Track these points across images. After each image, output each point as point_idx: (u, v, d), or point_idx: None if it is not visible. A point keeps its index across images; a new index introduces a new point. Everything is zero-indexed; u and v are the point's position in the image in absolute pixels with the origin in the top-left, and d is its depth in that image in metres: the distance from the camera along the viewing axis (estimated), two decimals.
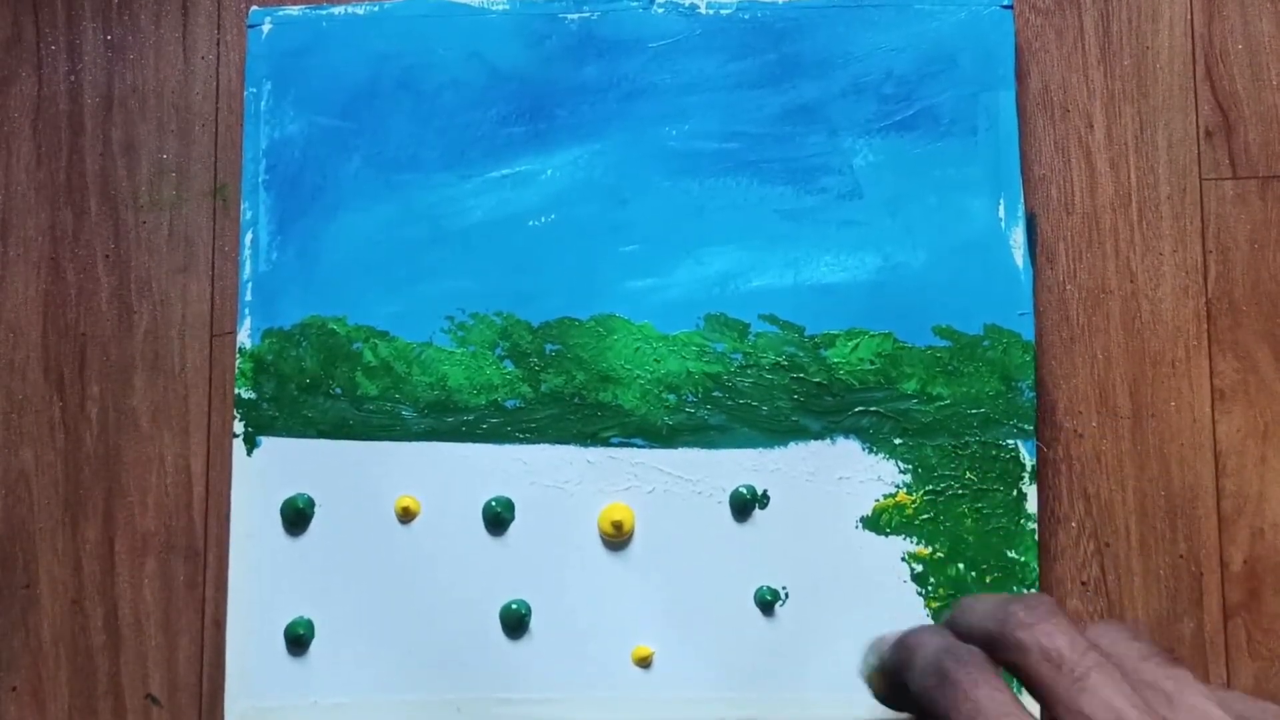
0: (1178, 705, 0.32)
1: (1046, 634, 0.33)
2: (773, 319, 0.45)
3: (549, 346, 0.45)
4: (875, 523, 0.44)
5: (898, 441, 0.44)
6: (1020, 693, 0.31)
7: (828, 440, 0.44)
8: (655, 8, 0.47)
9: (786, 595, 0.44)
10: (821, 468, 0.44)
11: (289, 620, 0.44)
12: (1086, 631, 0.33)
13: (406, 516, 0.45)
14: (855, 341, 0.45)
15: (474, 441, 0.45)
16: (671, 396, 0.45)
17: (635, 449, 0.45)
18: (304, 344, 0.46)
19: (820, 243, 0.45)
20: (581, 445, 0.45)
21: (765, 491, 0.44)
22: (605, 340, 0.45)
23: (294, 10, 0.48)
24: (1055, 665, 0.32)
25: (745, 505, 0.44)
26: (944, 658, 0.35)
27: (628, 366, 0.45)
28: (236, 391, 0.45)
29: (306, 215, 0.46)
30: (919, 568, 0.44)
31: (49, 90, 0.49)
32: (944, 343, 0.45)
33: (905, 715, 0.39)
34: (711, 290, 0.45)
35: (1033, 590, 0.43)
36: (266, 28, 0.47)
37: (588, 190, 0.46)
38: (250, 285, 0.46)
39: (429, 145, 0.46)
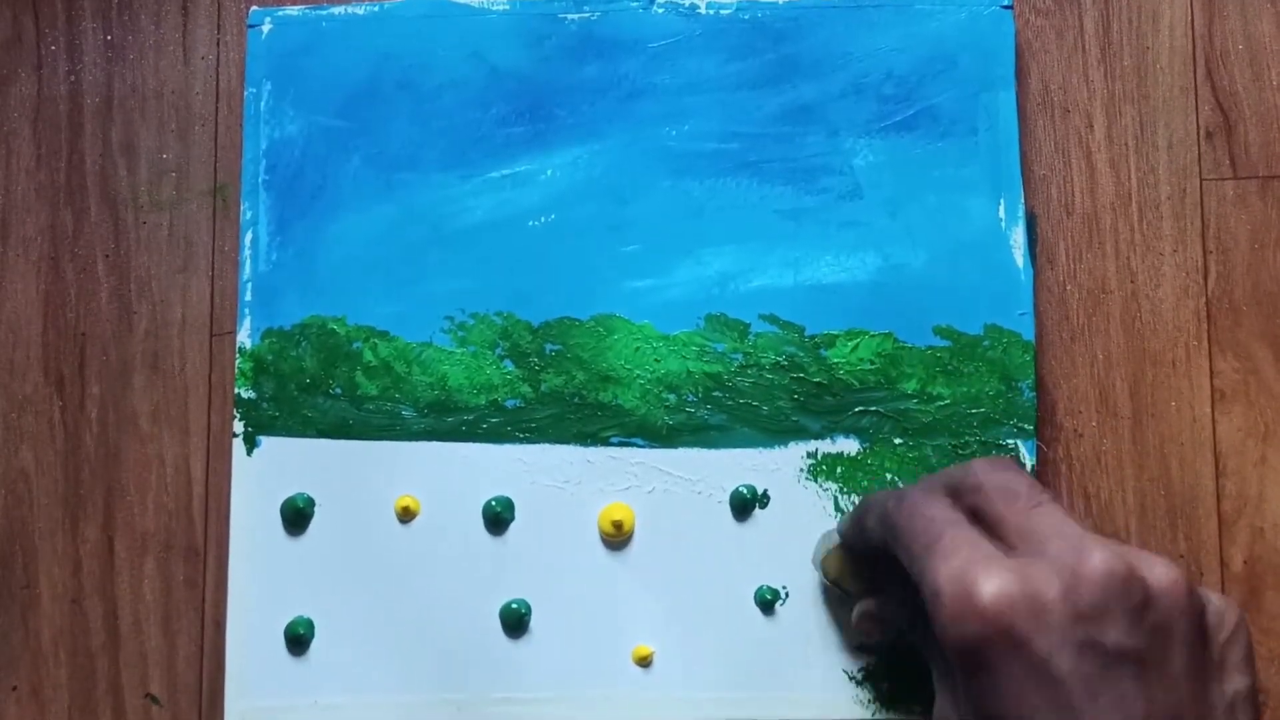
0: (1118, 545, 0.33)
1: (1007, 479, 0.35)
2: (773, 319, 0.45)
3: (549, 346, 0.45)
4: None
5: (898, 441, 0.44)
6: None
7: (828, 440, 0.44)
8: (655, 8, 0.47)
9: (787, 595, 0.44)
10: None
11: (289, 620, 0.44)
12: None
13: (406, 516, 0.45)
14: (855, 341, 0.45)
15: (474, 441, 0.45)
16: (671, 396, 0.45)
17: (635, 449, 0.45)
18: (304, 344, 0.46)
19: (820, 243, 0.45)
20: (581, 445, 0.45)
21: (765, 491, 0.44)
22: (605, 340, 0.45)
23: (294, 10, 0.48)
24: (1012, 498, 0.34)
25: (745, 505, 0.44)
26: (902, 489, 0.36)
27: (628, 366, 0.45)
28: (236, 391, 0.45)
29: (306, 215, 0.46)
30: None
31: (49, 90, 0.49)
32: (944, 343, 0.45)
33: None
34: (711, 290, 0.45)
35: None
36: (266, 28, 0.47)
37: (587, 190, 0.46)
38: (250, 285, 0.46)
39: (429, 145, 0.47)
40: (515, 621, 0.44)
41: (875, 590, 0.40)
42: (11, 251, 0.48)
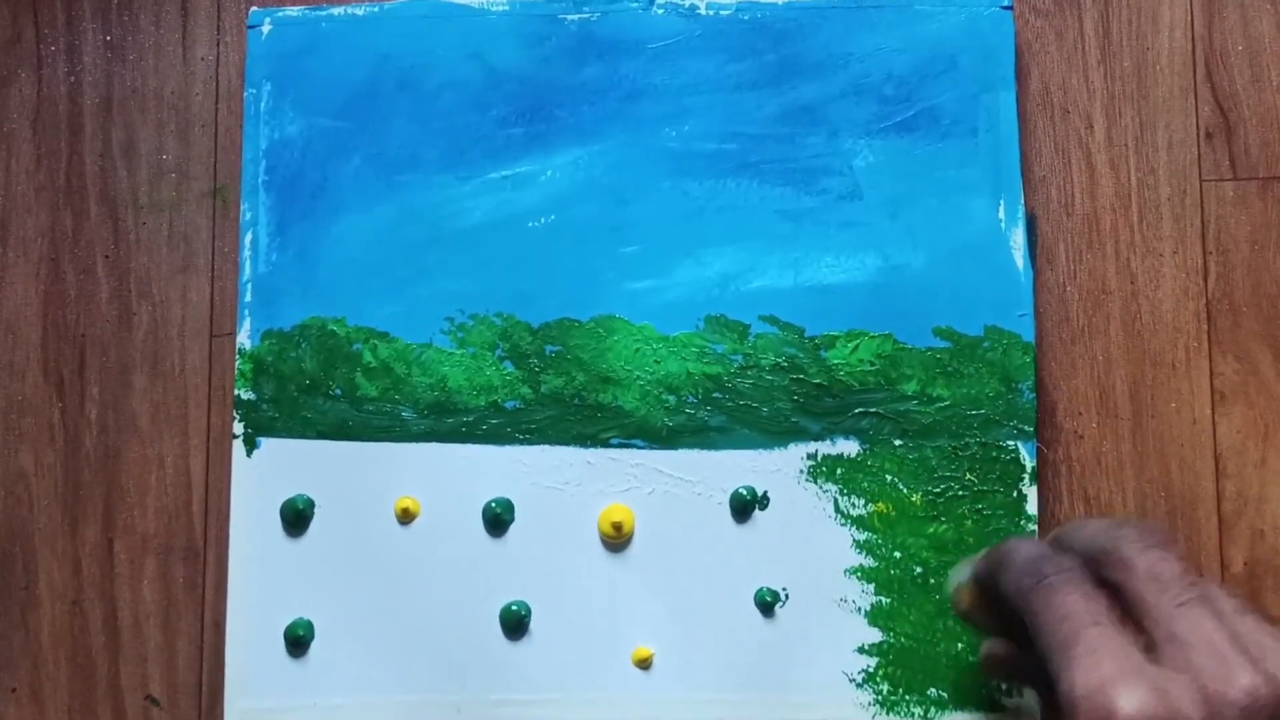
0: (1268, 652, 0.31)
1: (1158, 558, 0.33)
2: (773, 320, 0.45)
3: (549, 348, 0.45)
4: (874, 524, 0.44)
5: (898, 443, 0.44)
6: None
7: (828, 441, 0.44)
8: (655, 9, 0.47)
9: (786, 596, 0.44)
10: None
11: (289, 621, 0.44)
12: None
13: (406, 517, 0.45)
14: (855, 343, 0.45)
15: (474, 442, 0.45)
16: (671, 398, 0.45)
17: (635, 450, 0.45)
18: (304, 345, 0.46)
19: (820, 244, 0.45)
20: (581, 446, 0.45)
21: (765, 492, 0.44)
22: (605, 341, 0.45)
23: (294, 11, 0.48)
24: (1160, 587, 0.32)
25: (745, 506, 0.44)
26: (1042, 562, 0.34)
27: (628, 368, 0.45)
28: (236, 392, 0.45)
29: (306, 216, 0.46)
30: (919, 569, 0.44)
31: (48, 91, 0.49)
32: (944, 344, 0.45)
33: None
34: (711, 291, 0.45)
35: None
36: (266, 28, 0.47)
37: (587, 191, 0.46)
38: (250, 286, 0.46)
39: (429, 146, 0.46)
40: (515, 623, 0.44)
41: (1007, 631, 0.39)
42: (11, 252, 0.48)
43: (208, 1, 0.49)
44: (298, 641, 0.44)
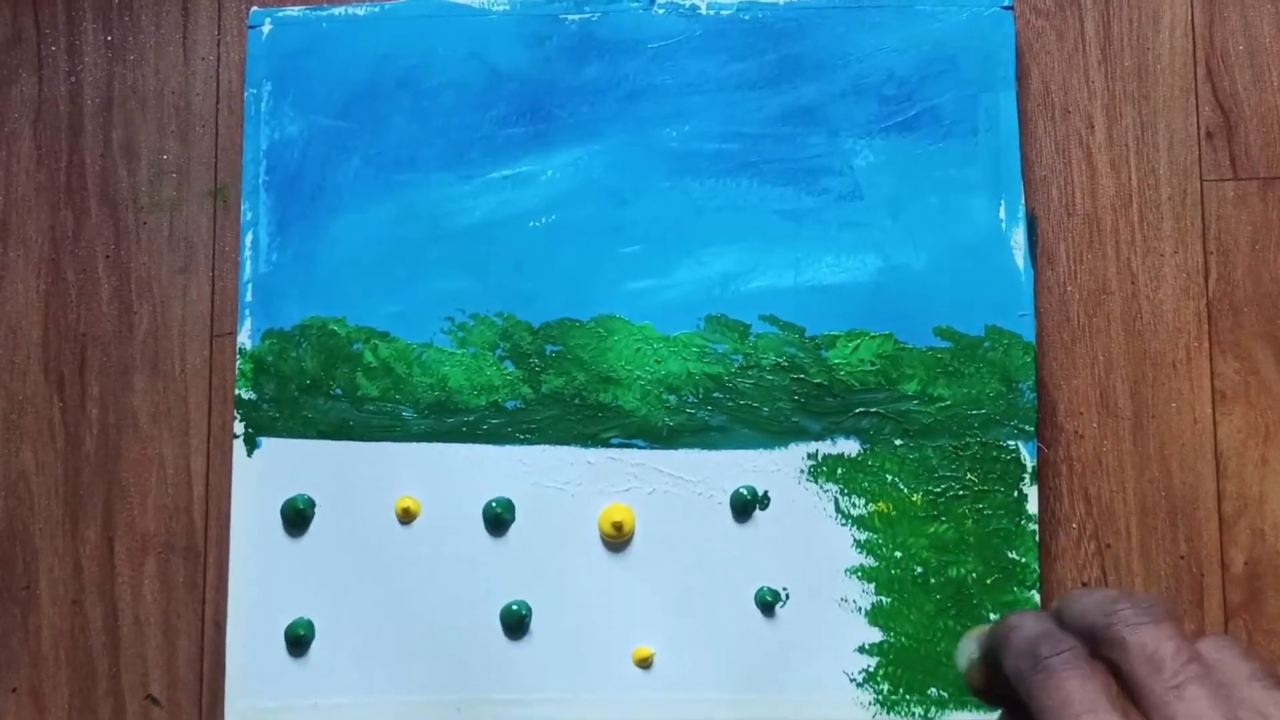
0: None
1: (1152, 636, 0.32)
2: (773, 320, 0.45)
3: (549, 347, 0.45)
4: (875, 524, 0.44)
5: (898, 442, 0.44)
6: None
7: (828, 441, 0.44)
8: (656, 9, 0.47)
9: (787, 596, 0.44)
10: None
11: (289, 621, 0.44)
12: (1197, 643, 0.33)
13: (407, 517, 0.45)
14: (856, 342, 0.45)
15: (474, 442, 0.45)
16: (672, 397, 0.45)
17: (636, 450, 0.45)
18: (304, 345, 0.46)
19: (821, 243, 0.45)
20: (582, 446, 0.45)
21: (766, 492, 0.44)
22: (606, 341, 0.45)
23: (294, 11, 0.48)
24: (1155, 668, 0.31)
25: (746, 506, 0.44)
26: (1041, 643, 0.34)
27: (628, 367, 0.45)
28: (237, 392, 0.45)
29: (306, 216, 0.46)
30: (919, 569, 0.44)
31: (49, 91, 0.49)
32: (945, 344, 0.45)
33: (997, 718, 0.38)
34: (712, 291, 0.45)
35: (1034, 591, 0.43)
36: (267, 28, 0.47)
37: (588, 191, 0.46)
38: (250, 286, 0.46)
39: (429, 146, 0.46)
40: (515, 623, 0.44)
41: (1018, 707, 0.39)
42: (12, 252, 0.48)
43: (208, 2, 0.49)
44: (298, 641, 0.44)
